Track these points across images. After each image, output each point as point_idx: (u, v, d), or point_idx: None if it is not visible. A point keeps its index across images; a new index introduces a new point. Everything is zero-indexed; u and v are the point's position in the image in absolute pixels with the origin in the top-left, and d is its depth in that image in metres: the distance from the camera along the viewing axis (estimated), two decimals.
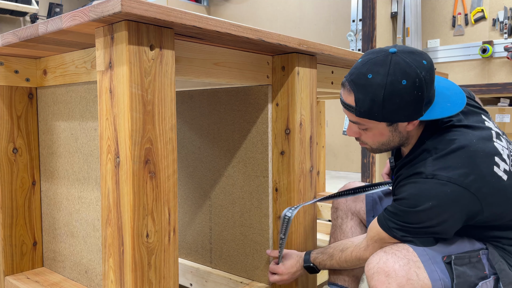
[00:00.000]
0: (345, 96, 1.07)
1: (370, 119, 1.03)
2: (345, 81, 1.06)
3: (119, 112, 0.92)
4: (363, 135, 1.12)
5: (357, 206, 1.40)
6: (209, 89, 1.58)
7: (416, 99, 0.99)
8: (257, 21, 5.59)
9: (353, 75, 1.04)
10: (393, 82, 0.97)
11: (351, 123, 1.12)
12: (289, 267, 1.31)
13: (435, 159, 1.01)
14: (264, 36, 1.14)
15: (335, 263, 1.23)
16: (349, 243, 1.22)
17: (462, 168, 0.98)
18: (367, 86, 1.00)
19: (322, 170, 2.83)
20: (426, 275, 0.98)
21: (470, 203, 0.98)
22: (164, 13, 0.89)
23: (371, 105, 1.00)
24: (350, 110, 1.06)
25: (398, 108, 0.99)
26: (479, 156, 0.99)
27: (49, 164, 1.44)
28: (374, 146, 1.14)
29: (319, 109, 2.81)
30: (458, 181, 0.97)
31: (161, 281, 0.98)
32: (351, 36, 3.65)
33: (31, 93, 1.45)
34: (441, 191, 0.97)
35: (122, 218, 0.94)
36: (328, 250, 1.27)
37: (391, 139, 1.09)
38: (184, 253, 1.71)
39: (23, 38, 1.10)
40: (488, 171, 0.99)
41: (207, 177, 1.60)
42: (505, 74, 3.45)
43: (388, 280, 0.97)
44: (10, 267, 1.42)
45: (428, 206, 0.98)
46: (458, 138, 1.02)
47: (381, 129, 1.06)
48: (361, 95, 1.01)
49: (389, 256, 1.01)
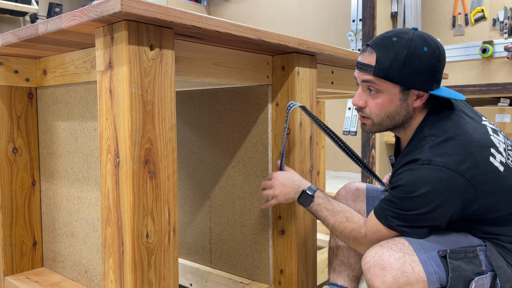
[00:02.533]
0: (364, 58, 1.09)
1: (387, 79, 1.05)
2: (366, 46, 1.10)
3: (119, 112, 0.92)
4: (369, 103, 1.10)
5: (357, 205, 1.40)
6: (209, 89, 1.58)
7: (433, 68, 1.05)
8: (257, 21, 5.59)
9: (377, 39, 1.09)
10: (416, 47, 1.04)
11: (361, 90, 1.11)
12: (285, 179, 1.23)
13: (432, 147, 1.04)
14: (264, 36, 1.14)
15: (331, 221, 1.17)
16: (355, 219, 1.15)
17: (457, 156, 1.01)
18: (390, 47, 1.05)
19: (322, 170, 2.83)
20: (421, 268, 1.00)
21: (465, 189, 1.00)
22: (164, 13, 0.89)
23: (392, 64, 1.04)
24: (367, 70, 1.07)
25: (415, 72, 1.04)
26: (474, 145, 1.03)
27: (49, 164, 1.43)
28: (376, 120, 1.11)
29: (319, 109, 2.81)
30: (453, 167, 0.99)
31: (161, 281, 0.98)
32: (351, 36, 3.65)
33: (31, 93, 1.45)
34: (436, 176, 0.99)
35: (122, 218, 0.94)
36: (334, 205, 1.19)
37: (398, 111, 1.09)
38: (184, 253, 1.71)
39: (23, 38, 1.10)
40: (483, 160, 1.02)
41: (207, 177, 1.60)
42: (505, 74, 3.45)
43: (384, 273, 0.99)
44: (10, 267, 1.42)
45: (424, 191, 0.99)
46: (455, 128, 1.06)
47: (392, 95, 1.07)
48: (384, 54, 1.05)
49: (385, 249, 1.02)
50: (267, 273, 1.43)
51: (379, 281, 0.99)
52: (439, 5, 3.76)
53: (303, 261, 1.39)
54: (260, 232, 1.44)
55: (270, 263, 1.42)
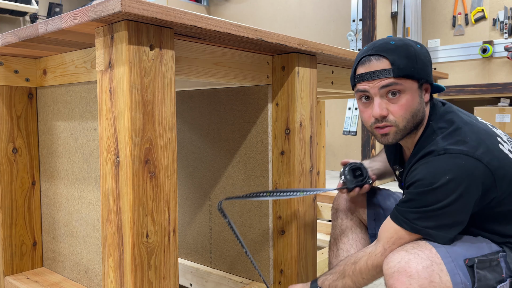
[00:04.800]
0: (373, 66, 1.07)
1: (408, 77, 1.05)
2: (367, 56, 1.08)
3: (119, 112, 0.92)
4: (392, 109, 1.07)
5: (357, 206, 1.39)
6: (209, 89, 1.58)
7: (430, 61, 1.11)
8: (257, 21, 5.59)
9: (375, 47, 1.09)
10: (412, 45, 1.08)
11: (379, 100, 1.07)
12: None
13: (444, 137, 1.04)
14: (264, 36, 1.14)
15: (348, 280, 1.14)
16: (361, 253, 1.14)
17: (471, 142, 1.01)
18: (396, 49, 1.06)
19: (322, 170, 2.83)
20: (448, 278, 0.96)
21: (484, 175, 0.99)
22: (164, 13, 0.89)
23: (407, 62, 1.05)
24: (384, 74, 1.05)
25: (425, 64, 1.08)
26: (483, 133, 1.04)
27: (49, 164, 1.43)
28: (402, 124, 1.07)
29: (319, 109, 2.81)
30: (470, 153, 0.99)
31: (161, 281, 0.98)
32: (351, 36, 3.65)
33: (31, 93, 1.45)
34: (454, 163, 0.98)
35: (122, 218, 0.94)
36: (337, 268, 1.18)
37: (419, 108, 1.08)
38: (184, 253, 1.71)
39: (23, 38, 1.10)
40: (494, 146, 1.02)
41: (207, 177, 1.60)
42: (505, 74, 3.45)
43: (410, 281, 0.95)
44: (10, 267, 1.42)
45: (445, 180, 0.97)
46: (460, 119, 1.08)
47: (413, 91, 1.07)
48: (395, 55, 1.06)
49: (412, 256, 0.98)
50: (267, 273, 1.43)
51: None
52: (439, 5, 3.76)
53: (303, 261, 1.39)
54: (260, 232, 1.44)
55: (270, 263, 1.42)
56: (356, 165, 1.29)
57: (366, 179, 1.27)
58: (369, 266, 1.10)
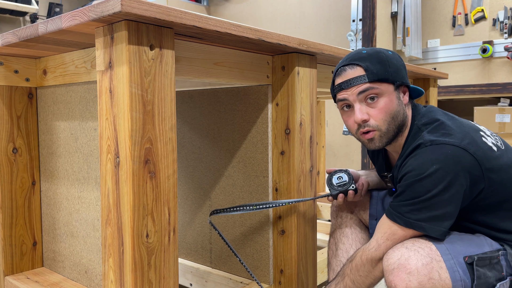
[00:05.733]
0: (348, 75, 1.12)
1: (382, 81, 1.09)
2: (342, 67, 1.14)
3: (119, 112, 0.92)
4: (372, 113, 1.09)
5: (357, 205, 1.40)
6: (209, 89, 1.58)
7: (403, 65, 1.15)
8: (257, 21, 5.59)
9: (348, 58, 1.14)
10: (383, 51, 1.13)
11: (358, 105, 1.10)
12: None
13: (429, 131, 1.08)
14: (264, 36, 1.14)
15: (348, 280, 1.17)
16: (357, 251, 1.18)
17: (456, 134, 1.04)
18: (368, 57, 1.11)
19: (322, 170, 2.83)
20: (447, 275, 0.98)
21: (471, 165, 1.01)
22: (164, 13, 0.89)
23: (380, 67, 1.09)
24: (360, 81, 1.10)
25: (398, 68, 1.12)
26: (466, 127, 1.08)
27: (49, 164, 1.44)
28: (383, 127, 1.09)
29: (319, 109, 2.81)
30: (456, 143, 1.02)
31: (161, 281, 0.98)
32: (351, 36, 3.65)
33: (31, 93, 1.45)
34: (441, 153, 1.00)
35: (122, 218, 0.94)
36: (339, 272, 1.22)
37: (398, 109, 1.11)
38: (184, 253, 1.71)
39: (23, 38, 1.10)
40: (479, 139, 1.06)
41: (207, 177, 1.60)
42: (505, 74, 3.45)
43: (409, 277, 0.97)
44: (10, 267, 1.42)
45: (433, 169, 0.99)
46: (443, 115, 1.12)
47: (390, 94, 1.10)
48: (368, 62, 1.10)
49: (412, 253, 0.99)
50: (267, 273, 1.43)
51: (403, 285, 0.96)
52: (439, 5, 3.76)
53: (303, 261, 1.39)
54: (260, 232, 1.44)
55: (270, 263, 1.42)
56: (340, 173, 1.30)
57: (350, 186, 1.27)
58: (363, 261, 1.13)
